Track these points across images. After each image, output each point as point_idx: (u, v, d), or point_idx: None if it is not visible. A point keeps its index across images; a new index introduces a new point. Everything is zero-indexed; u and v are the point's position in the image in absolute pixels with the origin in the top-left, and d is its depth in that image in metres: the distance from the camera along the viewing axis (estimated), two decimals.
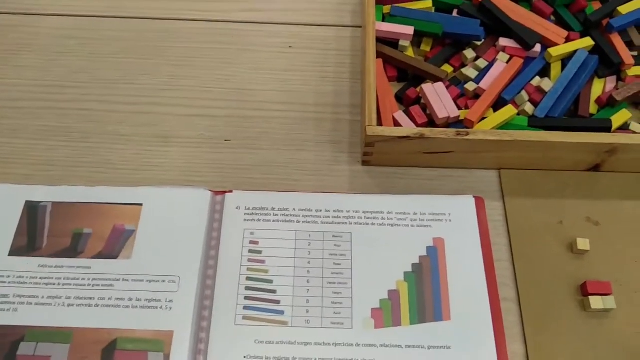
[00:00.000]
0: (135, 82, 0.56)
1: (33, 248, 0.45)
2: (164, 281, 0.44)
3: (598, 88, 0.54)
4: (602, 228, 0.48)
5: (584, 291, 0.45)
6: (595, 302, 0.44)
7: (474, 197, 0.49)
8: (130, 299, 0.43)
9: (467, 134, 0.47)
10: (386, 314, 0.44)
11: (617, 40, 0.55)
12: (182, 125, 0.53)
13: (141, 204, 0.47)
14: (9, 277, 0.44)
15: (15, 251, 0.45)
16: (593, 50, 0.55)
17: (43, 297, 0.43)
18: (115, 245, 0.46)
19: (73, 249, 0.45)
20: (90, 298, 0.43)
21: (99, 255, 0.45)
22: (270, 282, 0.45)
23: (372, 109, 0.48)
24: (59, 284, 0.44)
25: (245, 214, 0.47)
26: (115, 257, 0.45)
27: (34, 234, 0.46)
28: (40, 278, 0.44)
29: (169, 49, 0.58)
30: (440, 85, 0.52)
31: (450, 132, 0.47)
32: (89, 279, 0.44)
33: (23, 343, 0.41)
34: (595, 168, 0.50)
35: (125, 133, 0.53)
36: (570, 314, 0.44)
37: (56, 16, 0.61)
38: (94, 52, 0.58)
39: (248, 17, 0.61)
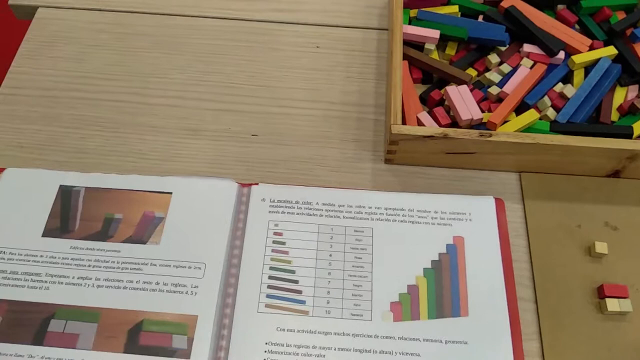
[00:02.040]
0: (166, 77, 0.58)
1: (66, 230, 0.47)
2: (190, 267, 0.46)
3: (620, 96, 0.55)
4: (620, 233, 0.49)
5: (601, 293, 0.45)
6: (612, 304, 0.45)
7: (494, 198, 0.50)
8: (157, 283, 0.45)
9: (490, 135, 0.48)
10: (405, 307, 0.45)
11: None
12: (211, 119, 0.55)
13: (170, 193, 0.49)
14: (41, 256, 0.46)
15: (48, 232, 0.47)
16: (616, 59, 0.55)
17: (73, 278, 0.45)
18: (145, 231, 0.47)
19: (104, 233, 0.47)
20: (119, 280, 0.45)
21: (129, 240, 0.47)
22: (293, 272, 0.46)
23: (398, 107, 0.49)
24: (89, 265, 0.46)
25: (270, 205, 0.49)
26: (144, 243, 0.47)
27: (67, 216, 0.48)
28: (72, 259, 0.46)
29: (200, 45, 0.60)
30: (464, 88, 0.53)
31: (474, 133, 0.48)
32: (118, 262, 0.46)
33: (53, 320, 0.43)
34: (615, 174, 0.51)
35: (155, 125, 0.54)
36: (587, 315, 0.45)
37: (91, 10, 0.63)
38: (127, 47, 0.60)
39: (277, 16, 0.62)
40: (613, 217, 0.50)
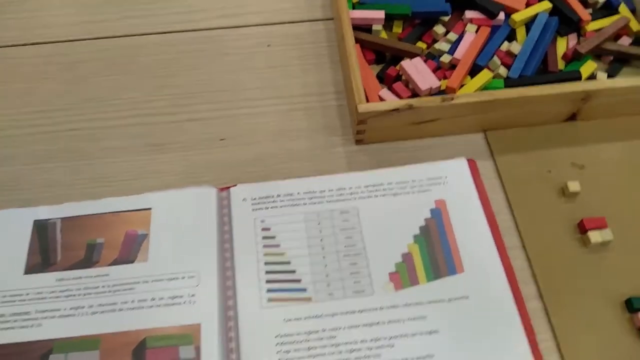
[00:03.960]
0: (120, 98, 0.57)
1: (48, 263, 0.45)
2: (183, 277, 0.45)
3: (562, 46, 0.58)
4: (587, 171, 0.51)
5: (582, 228, 0.48)
6: (594, 236, 0.47)
7: (466, 159, 0.52)
8: (153, 299, 0.44)
9: (452, 98, 0.49)
10: (403, 275, 0.45)
11: (572, 1, 0.59)
12: (175, 132, 0.54)
13: (150, 208, 0.48)
14: (27, 294, 0.44)
15: (30, 269, 0.45)
16: (552, 12, 0.58)
17: (65, 309, 0.43)
18: (130, 250, 0.46)
19: (88, 260, 0.46)
20: (113, 303, 0.44)
21: (115, 262, 0.46)
22: (288, 263, 0.46)
23: (360, 87, 0.50)
24: (79, 294, 0.44)
25: (252, 204, 0.49)
26: (132, 262, 0.46)
27: (47, 250, 0.46)
28: (60, 291, 0.44)
29: (148, 62, 0.59)
30: (418, 60, 0.54)
31: (436, 99, 0.49)
32: (108, 286, 0.44)
33: (52, 356, 0.41)
34: (573, 117, 0.54)
35: (120, 146, 0.53)
36: (573, 251, 0.47)
37: (31, 45, 0.61)
38: (74, 75, 0.59)
39: (222, 22, 0.62)
40: (578, 158, 0.52)
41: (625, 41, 0.59)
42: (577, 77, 0.53)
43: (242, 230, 0.47)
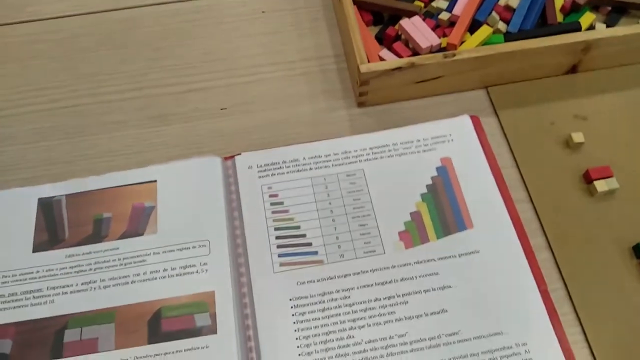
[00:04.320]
0: (117, 72, 0.56)
1: (56, 241, 0.45)
2: (194, 247, 0.45)
3: None
4: (590, 122, 0.51)
5: (588, 178, 0.48)
6: (600, 185, 0.47)
7: (469, 116, 0.51)
8: (165, 269, 0.44)
9: (454, 55, 0.49)
10: (413, 233, 0.45)
11: None
12: (175, 103, 0.54)
13: (155, 180, 0.48)
14: (37, 272, 0.44)
15: (38, 247, 0.45)
16: None
17: (77, 285, 0.43)
18: (139, 223, 0.46)
19: (97, 235, 0.45)
20: (125, 276, 0.44)
21: (124, 235, 0.45)
22: (298, 227, 0.46)
23: (360, 47, 0.49)
24: (90, 269, 0.44)
25: (258, 171, 0.48)
26: (141, 234, 0.45)
27: (54, 227, 0.46)
28: (70, 267, 0.44)
29: (144, 34, 0.58)
30: (417, 19, 0.54)
31: (438, 56, 0.49)
32: (119, 259, 0.44)
33: (67, 330, 0.41)
34: (573, 70, 0.53)
35: (120, 120, 0.53)
36: (580, 201, 0.47)
37: (22, 23, 0.60)
38: (68, 51, 0.58)
39: None
40: (580, 109, 0.52)
41: None
42: (577, 28, 0.53)
43: (249, 197, 0.47)
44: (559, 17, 0.56)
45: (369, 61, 0.52)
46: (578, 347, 0.42)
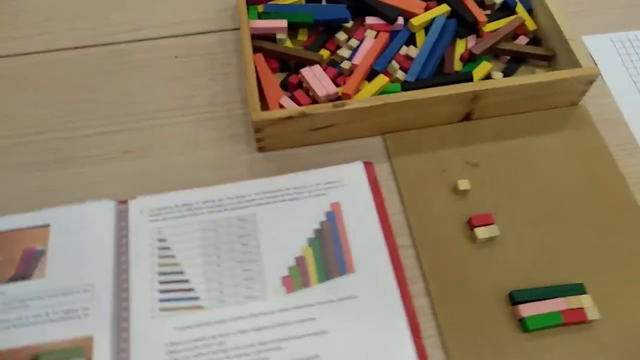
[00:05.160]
0: (23, 114, 0.57)
1: None
2: (78, 292, 0.45)
3: (461, 48, 0.59)
4: (480, 169, 0.53)
5: (471, 225, 0.49)
6: (481, 232, 0.48)
7: (363, 162, 0.53)
8: (47, 314, 0.44)
9: (344, 104, 0.51)
10: (295, 278, 0.46)
11: (470, 3, 0.60)
12: (78, 147, 0.55)
13: (48, 225, 0.49)
14: None
15: None
16: (451, 15, 0.60)
17: None
18: (28, 266, 0.47)
19: None
20: (6, 320, 0.44)
21: (12, 279, 0.46)
22: (182, 272, 0.47)
23: (254, 96, 0.51)
24: None
25: (150, 215, 0.49)
26: (28, 278, 0.46)
27: None
28: None
29: (53, 79, 0.60)
30: (317, 68, 0.56)
31: (328, 106, 0.51)
32: (3, 303, 0.45)
33: None
34: (468, 118, 0.55)
35: (20, 162, 0.54)
36: (462, 248, 0.49)
37: None
38: None
39: (129, 36, 0.63)
40: (472, 156, 0.54)
41: (522, 40, 0.61)
42: (468, 78, 0.55)
43: (138, 242, 0.48)
44: (457, 66, 0.58)
45: (269, 108, 0.54)
46: None
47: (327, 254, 0.48)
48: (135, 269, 0.47)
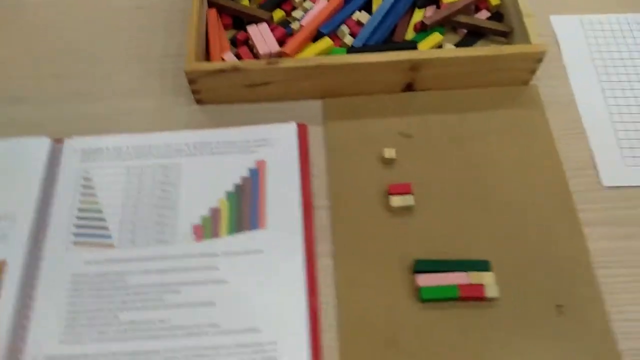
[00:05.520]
0: None
1: None
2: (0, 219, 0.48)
3: (418, 17, 0.58)
4: (412, 140, 0.53)
5: (388, 194, 0.49)
6: (396, 200, 0.48)
7: (297, 123, 0.53)
8: None
9: (277, 62, 0.51)
10: (206, 228, 0.48)
11: None
12: (27, 87, 0.57)
13: None
14: None
15: None
16: None
17: None
18: None
19: None
20: None
21: None
22: (100, 211, 0.48)
23: (192, 46, 0.51)
24: None
25: (82, 155, 0.51)
26: None
27: None
28: None
29: (26, 18, 0.62)
30: (264, 26, 0.56)
31: (261, 62, 0.51)
32: None
33: None
34: (410, 88, 0.55)
35: None
36: (376, 214, 0.49)
37: None
38: None
39: None
40: (407, 127, 0.53)
41: (483, 15, 0.59)
42: (412, 47, 0.54)
43: (66, 179, 0.50)
44: (410, 36, 0.57)
45: (211, 61, 0.54)
46: (329, 352, 0.43)
47: (242, 208, 0.48)
48: (58, 203, 0.49)
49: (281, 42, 0.56)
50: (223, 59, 0.55)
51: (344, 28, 0.56)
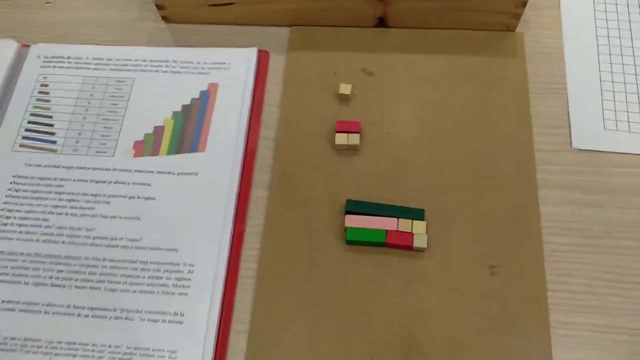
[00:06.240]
0: None
1: None
2: None
3: None
4: (374, 78, 0.50)
5: (335, 131, 0.47)
6: (340, 138, 0.46)
7: (258, 50, 0.51)
8: None
9: None
10: (147, 145, 0.47)
11: None
12: None
13: None
14: None
15: None
16: None
17: None
18: None
19: None
20: None
21: None
22: (50, 117, 0.49)
23: None
24: None
25: (44, 61, 0.52)
26: None
27: None
28: None
29: None
30: None
31: None
32: None
33: None
34: (382, 23, 0.51)
35: None
36: (320, 151, 0.47)
37: None
38: None
39: None
40: (371, 64, 0.50)
41: None
42: None
43: (24, 83, 0.51)
44: None
45: None
46: (244, 281, 0.43)
47: (186, 129, 0.48)
48: (13, 106, 0.50)
49: None
50: None
51: None
